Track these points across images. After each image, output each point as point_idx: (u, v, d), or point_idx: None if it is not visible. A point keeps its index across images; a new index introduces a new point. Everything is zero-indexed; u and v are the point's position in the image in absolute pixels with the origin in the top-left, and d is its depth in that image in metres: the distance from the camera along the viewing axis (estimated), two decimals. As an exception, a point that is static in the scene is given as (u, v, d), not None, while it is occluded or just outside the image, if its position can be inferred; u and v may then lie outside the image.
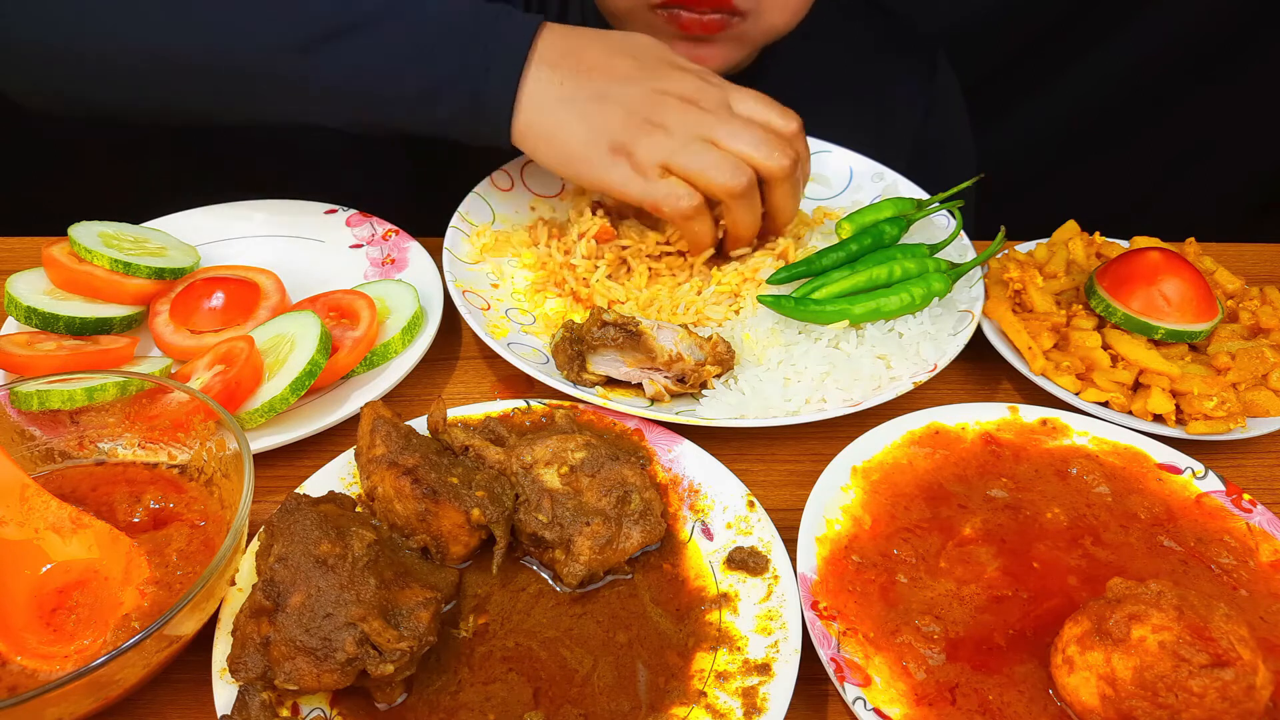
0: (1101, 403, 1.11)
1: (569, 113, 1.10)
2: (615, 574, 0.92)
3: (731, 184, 1.10)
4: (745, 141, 1.10)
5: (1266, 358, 1.12)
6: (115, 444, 0.95)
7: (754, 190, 1.13)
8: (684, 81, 1.13)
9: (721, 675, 0.83)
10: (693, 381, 1.08)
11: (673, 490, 0.99)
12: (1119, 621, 0.78)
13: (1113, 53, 2.21)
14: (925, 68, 1.68)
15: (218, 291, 1.14)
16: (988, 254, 1.21)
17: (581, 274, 1.23)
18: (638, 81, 1.12)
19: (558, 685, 0.82)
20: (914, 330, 1.15)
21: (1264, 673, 0.76)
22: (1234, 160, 2.32)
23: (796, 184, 1.18)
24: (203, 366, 1.03)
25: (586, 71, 1.11)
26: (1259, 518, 0.97)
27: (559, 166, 1.13)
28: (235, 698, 0.77)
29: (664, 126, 1.10)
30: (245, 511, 0.81)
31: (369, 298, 1.13)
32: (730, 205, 1.13)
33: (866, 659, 0.83)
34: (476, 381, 1.17)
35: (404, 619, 0.79)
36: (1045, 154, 2.34)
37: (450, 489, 0.89)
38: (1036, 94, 2.29)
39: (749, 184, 1.11)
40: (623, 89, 1.11)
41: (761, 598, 0.89)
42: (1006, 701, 0.81)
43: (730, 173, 1.09)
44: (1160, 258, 1.15)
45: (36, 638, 0.80)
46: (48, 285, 1.13)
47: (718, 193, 1.11)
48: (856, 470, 0.99)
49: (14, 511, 0.86)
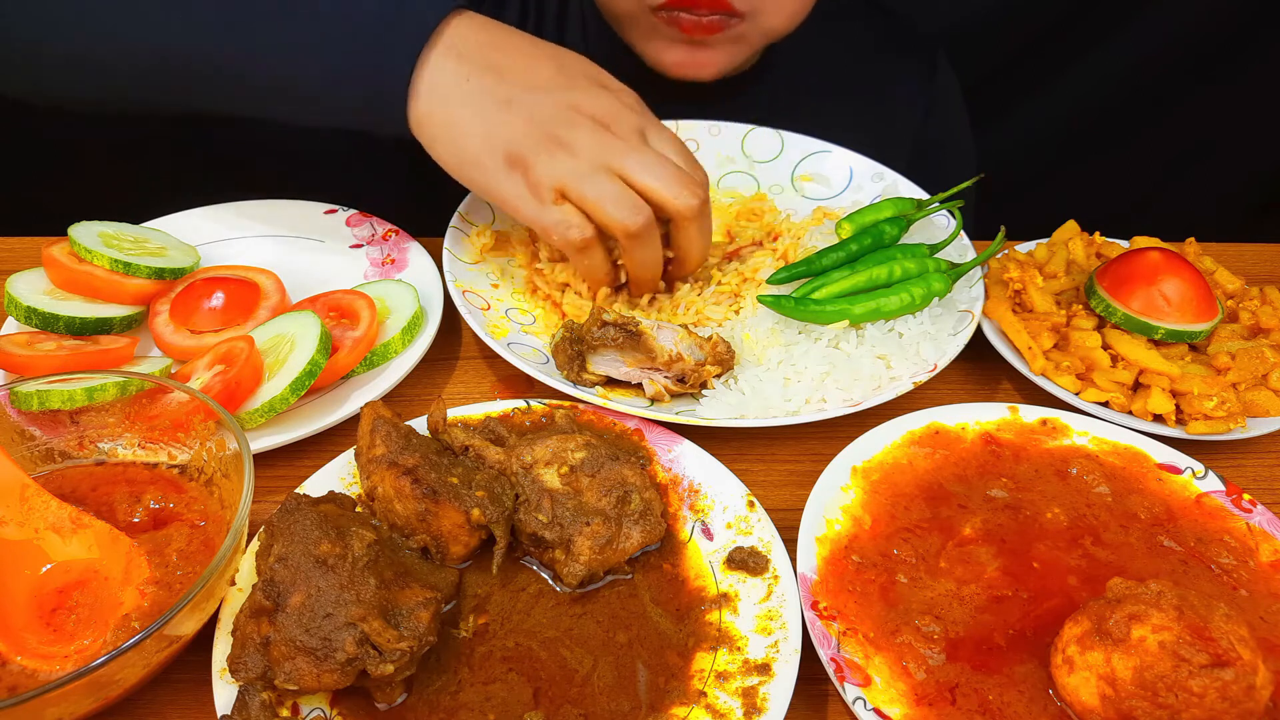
0: (1101, 403, 1.11)
1: (469, 110, 1.02)
2: (615, 574, 0.92)
3: (628, 222, 1.03)
4: (654, 175, 1.03)
5: (1266, 358, 1.12)
6: (115, 444, 0.95)
7: (652, 230, 1.06)
8: (601, 100, 1.05)
9: (721, 675, 0.83)
10: (693, 381, 1.08)
11: (673, 490, 0.99)
12: (1119, 621, 0.78)
13: (1113, 53, 2.21)
14: (925, 68, 1.68)
15: (218, 291, 1.14)
16: (988, 254, 1.21)
17: (551, 278, 1.23)
18: (551, 92, 1.04)
19: (558, 685, 0.82)
20: (914, 330, 1.15)
21: (1264, 673, 0.76)
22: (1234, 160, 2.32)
23: (706, 226, 1.11)
24: (203, 366, 1.03)
25: (498, 70, 1.04)
26: (1259, 518, 0.97)
27: (452, 167, 1.06)
28: (235, 698, 0.77)
29: (569, 146, 1.02)
30: (245, 511, 0.81)
31: (369, 298, 1.13)
32: (626, 245, 1.07)
33: (866, 659, 0.83)
34: (476, 381, 1.17)
35: (404, 619, 0.79)
36: (1045, 154, 2.34)
37: (450, 489, 0.89)
38: (1036, 94, 2.29)
39: (646, 223, 1.04)
40: (533, 97, 1.03)
41: (761, 598, 0.89)
42: (1006, 701, 0.81)
43: (629, 210, 1.02)
44: (1160, 258, 1.15)
45: (36, 638, 0.80)
46: (48, 285, 1.13)
47: (613, 229, 1.04)
48: (856, 470, 0.99)
49: (14, 511, 0.86)
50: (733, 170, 1.47)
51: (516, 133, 1.02)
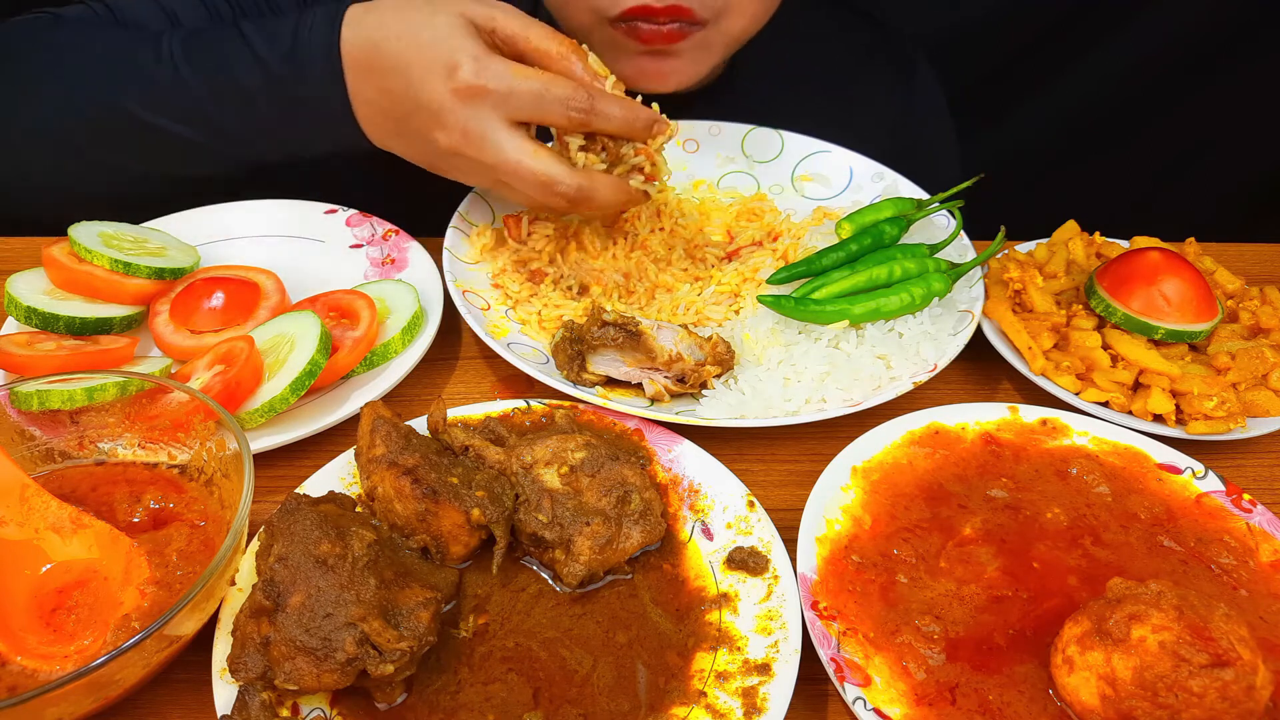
0: (1101, 403, 1.11)
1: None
2: (615, 574, 0.92)
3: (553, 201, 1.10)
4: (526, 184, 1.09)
5: (1266, 358, 1.12)
6: (115, 444, 0.95)
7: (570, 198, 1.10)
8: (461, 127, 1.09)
9: (721, 675, 0.83)
10: (693, 381, 1.08)
11: (673, 490, 0.99)
12: (1119, 621, 0.78)
13: (1113, 53, 2.21)
14: (901, 68, 1.67)
15: (218, 291, 1.14)
16: (988, 254, 1.21)
17: (535, 247, 1.25)
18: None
19: (557, 685, 0.82)
20: (914, 330, 1.15)
21: (1264, 673, 0.76)
22: (1234, 160, 2.32)
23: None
24: (203, 366, 1.03)
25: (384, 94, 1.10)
26: (1259, 518, 0.97)
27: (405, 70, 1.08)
28: (235, 698, 0.77)
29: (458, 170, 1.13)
30: (245, 511, 0.81)
31: (369, 298, 1.13)
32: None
33: (866, 659, 0.83)
34: (476, 381, 1.17)
35: (404, 619, 0.79)
36: (1045, 154, 2.34)
37: (450, 489, 0.89)
38: (1037, 94, 2.29)
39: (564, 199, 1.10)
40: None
41: (761, 598, 0.89)
42: (1006, 701, 0.81)
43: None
44: (1160, 258, 1.15)
45: (36, 638, 0.80)
46: (48, 285, 1.13)
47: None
48: (856, 470, 0.99)
49: (14, 511, 0.86)
50: (733, 170, 1.47)
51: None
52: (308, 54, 1.10)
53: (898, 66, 1.68)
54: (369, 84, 1.09)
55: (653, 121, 1.13)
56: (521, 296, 1.22)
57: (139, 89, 1.14)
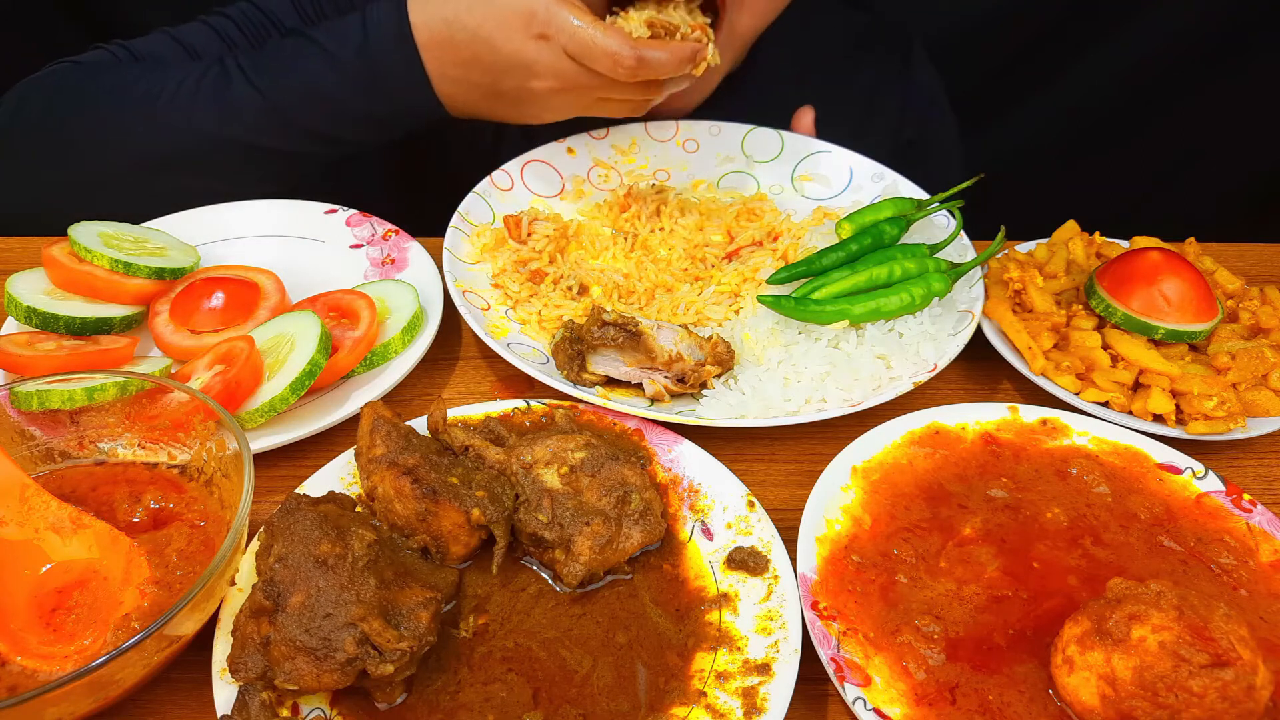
0: (1101, 403, 1.11)
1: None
2: (615, 574, 0.92)
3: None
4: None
5: (1266, 358, 1.12)
6: (115, 444, 0.95)
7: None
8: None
9: (721, 675, 0.83)
10: (693, 381, 1.08)
11: (673, 490, 0.99)
12: (1119, 621, 0.78)
13: (1112, 53, 2.21)
14: (898, 64, 1.68)
15: (218, 291, 1.14)
16: (988, 254, 1.21)
17: (535, 247, 1.26)
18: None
19: (557, 685, 0.82)
20: (914, 330, 1.15)
21: (1264, 673, 0.76)
22: (1234, 160, 2.32)
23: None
24: (203, 366, 1.03)
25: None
26: (1259, 518, 0.97)
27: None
28: (235, 698, 0.77)
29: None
30: (245, 511, 0.81)
31: (369, 298, 1.13)
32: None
33: (866, 659, 0.83)
34: (476, 381, 1.17)
35: (404, 619, 0.79)
36: (1045, 154, 2.34)
37: (450, 489, 0.89)
38: (1037, 94, 2.29)
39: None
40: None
41: (761, 598, 0.89)
42: (1006, 701, 0.81)
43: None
44: (1160, 258, 1.15)
45: (36, 638, 0.80)
46: (48, 285, 1.14)
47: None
48: (856, 470, 0.99)
49: (14, 511, 0.86)
50: (733, 170, 1.47)
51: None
52: (379, 46, 1.18)
53: (898, 56, 1.68)
54: (450, 59, 1.17)
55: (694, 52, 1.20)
56: (521, 296, 1.22)
57: (217, 111, 1.21)
